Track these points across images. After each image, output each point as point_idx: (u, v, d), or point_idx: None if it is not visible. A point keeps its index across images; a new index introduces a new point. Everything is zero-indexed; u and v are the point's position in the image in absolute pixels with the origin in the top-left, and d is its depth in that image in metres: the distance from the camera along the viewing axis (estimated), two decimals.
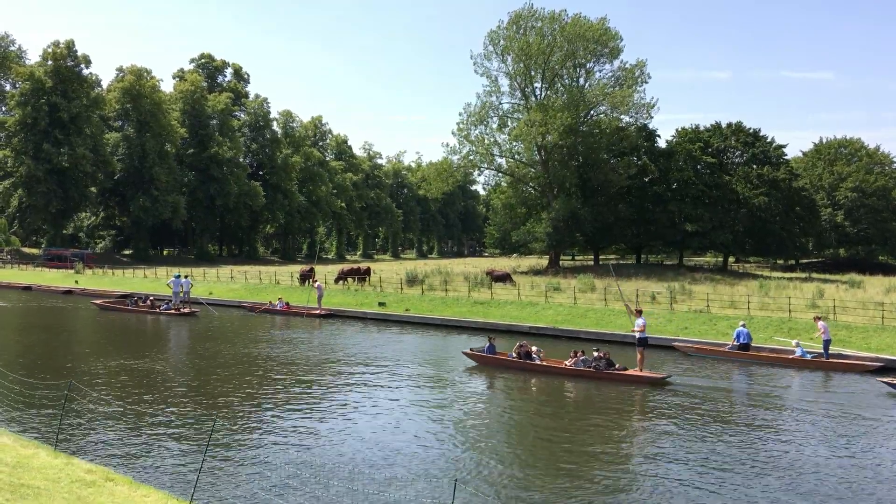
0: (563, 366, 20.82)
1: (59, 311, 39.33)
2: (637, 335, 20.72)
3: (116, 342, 27.33)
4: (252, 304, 39.48)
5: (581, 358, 20.73)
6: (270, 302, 39.00)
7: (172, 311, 36.48)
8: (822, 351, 22.60)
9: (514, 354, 21.83)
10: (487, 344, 22.74)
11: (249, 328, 31.69)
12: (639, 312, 21.66)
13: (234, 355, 24.07)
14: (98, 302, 40.83)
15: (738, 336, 24.04)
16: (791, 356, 22.93)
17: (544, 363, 21.30)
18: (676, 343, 25.75)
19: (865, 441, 14.34)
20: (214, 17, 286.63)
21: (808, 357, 22.52)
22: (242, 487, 11.16)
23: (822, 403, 17.92)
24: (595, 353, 20.74)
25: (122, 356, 23.32)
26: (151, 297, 40.06)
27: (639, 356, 20.47)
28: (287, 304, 37.80)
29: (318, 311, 36.10)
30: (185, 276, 41.18)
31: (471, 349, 23.21)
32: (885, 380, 19.25)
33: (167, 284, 39.88)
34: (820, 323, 23.28)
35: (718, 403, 17.50)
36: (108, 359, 22.77)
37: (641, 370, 20.24)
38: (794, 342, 23.50)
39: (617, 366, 20.35)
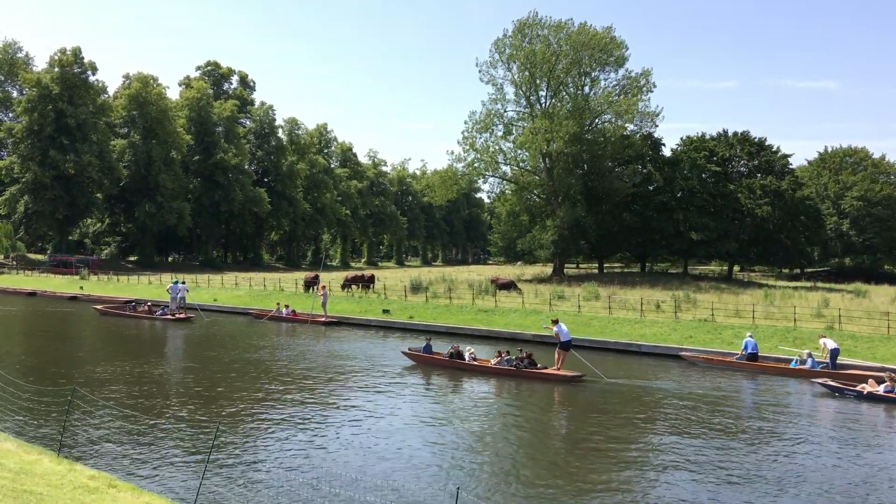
0: (489, 365, 22.18)
1: (62, 316, 39.43)
2: (561, 339, 21.92)
3: (118, 347, 27.35)
4: (258, 311, 39.54)
5: (505, 358, 22.19)
6: (278, 304, 39.08)
7: (168, 317, 36.89)
8: (829, 361, 22.44)
9: (447, 354, 23.28)
10: (425, 344, 24.16)
11: (254, 335, 31.70)
12: (555, 322, 22.73)
13: (238, 362, 24.07)
14: (99, 307, 41.29)
15: (745, 346, 23.98)
16: (800, 367, 22.78)
17: (474, 362, 22.62)
18: (684, 353, 25.65)
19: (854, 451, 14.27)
20: (221, 25, 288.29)
21: (818, 367, 22.34)
22: (245, 495, 11.13)
23: (826, 413, 17.85)
24: (519, 353, 22.30)
25: (124, 362, 23.34)
26: (149, 303, 40.51)
27: (557, 356, 21.82)
28: (294, 311, 37.82)
29: (323, 319, 36.07)
30: (182, 282, 41.89)
31: (409, 349, 24.79)
32: (820, 381, 20.58)
33: (167, 290, 40.46)
34: (821, 340, 23.19)
35: (724, 413, 17.44)
36: (111, 364, 22.79)
37: (559, 369, 21.58)
38: (804, 352, 23.36)
39: (538, 365, 21.79)
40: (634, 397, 19.27)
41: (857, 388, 19.38)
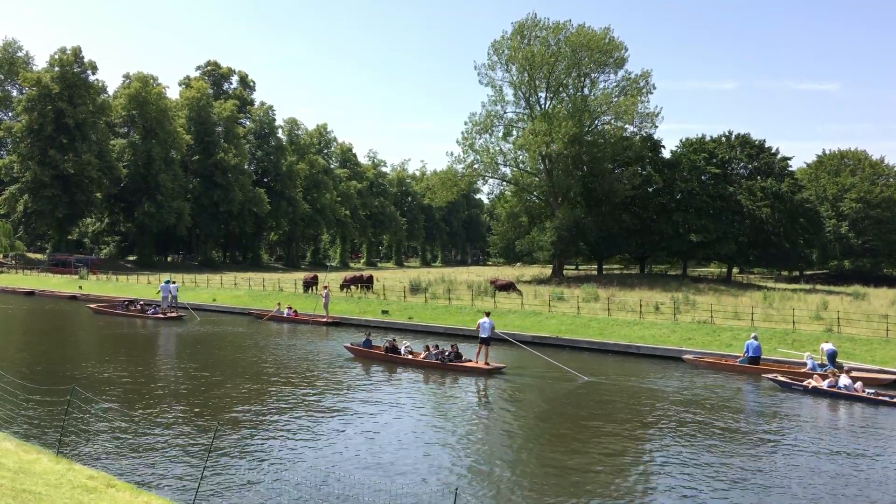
0: (419, 358, 23.70)
1: (58, 314, 39.47)
2: (481, 334, 23.25)
3: (116, 347, 27.30)
4: (259, 311, 39.57)
5: (434, 352, 23.68)
6: (279, 304, 39.13)
7: (160, 316, 37.37)
8: (829, 364, 22.45)
9: (384, 348, 24.80)
10: (365, 338, 25.90)
11: (255, 335, 31.71)
12: (487, 314, 24.19)
13: (237, 362, 24.09)
14: (93, 306, 41.84)
15: (747, 348, 23.89)
16: (801, 369, 22.72)
17: (409, 356, 24.11)
18: (686, 355, 25.59)
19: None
20: (221, 25, 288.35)
21: (820, 370, 22.31)
22: (243, 495, 11.14)
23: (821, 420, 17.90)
24: (448, 348, 23.85)
25: (122, 361, 23.34)
26: (141, 302, 40.87)
27: (479, 350, 23.25)
28: (295, 311, 37.85)
29: (324, 319, 36.06)
30: (173, 282, 42.35)
31: (351, 343, 26.31)
32: (770, 376, 21.73)
33: (158, 290, 41.11)
34: (822, 346, 23.22)
35: (725, 414, 17.50)
36: (109, 364, 22.79)
37: (478, 361, 23.14)
38: (805, 355, 23.32)
39: (463, 357, 23.46)
40: (608, 396, 19.39)
41: (804, 384, 20.64)
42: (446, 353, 23.42)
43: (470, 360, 23.32)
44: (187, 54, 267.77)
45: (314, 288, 46.10)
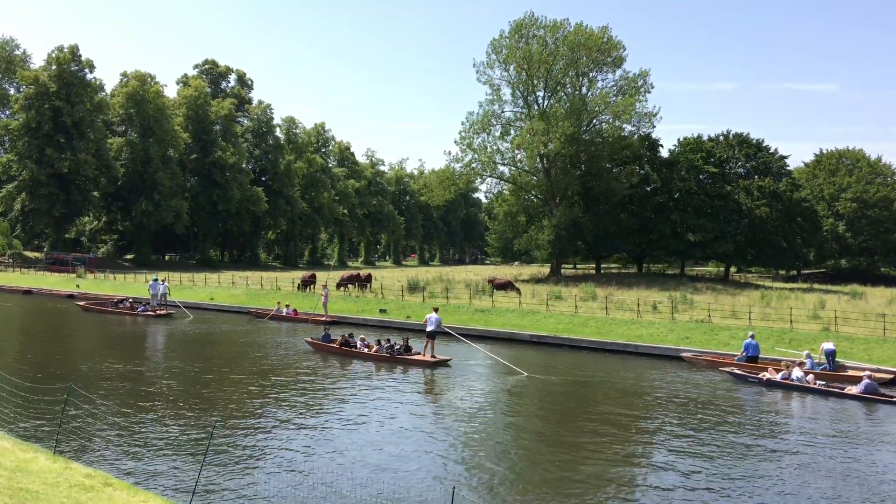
0: (371, 351, 24.99)
1: (54, 313, 39.42)
2: (427, 328, 24.51)
3: (111, 345, 27.29)
4: (258, 310, 39.53)
5: (385, 346, 24.99)
6: (279, 303, 39.12)
7: (150, 313, 37.67)
8: (827, 363, 22.49)
9: (339, 342, 26.02)
10: (324, 333, 27.21)
11: (253, 334, 31.69)
12: (435, 310, 25.52)
13: (235, 361, 24.06)
14: (81, 303, 42.14)
15: (746, 348, 23.89)
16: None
17: (365, 350, 25.31)
18: (684, 354, 25.61)
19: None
20: (219, 24, 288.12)
21: (818, 369, 22.31)
22: (241, 494, 11.13)
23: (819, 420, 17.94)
24: (399, 341, 25.28)
25: (117, 359, 23.28)
26: (131, 300, 41.13)
27: (426, 343, 24.36)
28: (295, 310, 37.85)
29: (323, 318, 36.03)
30: (163, 280, 42.52)
31: (311, 338, 27.60)
32: (727, 370, 22.57)
33: (148, 289, 41.23)
34: (822, 344, 23.26)
35: (730, 414, 17.55)
36: (104, 361, 22.74)
37: (424, 354, 24.19)
38: (804, 353, 23.34)
39: (413, 350, 24.71)
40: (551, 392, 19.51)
41: (759, 376, 21.50)
42: (396, 347, 24.68)
43: (418, 353, 24.33)
44: (186, 53, 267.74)
45: (311, 287, 46.05)
